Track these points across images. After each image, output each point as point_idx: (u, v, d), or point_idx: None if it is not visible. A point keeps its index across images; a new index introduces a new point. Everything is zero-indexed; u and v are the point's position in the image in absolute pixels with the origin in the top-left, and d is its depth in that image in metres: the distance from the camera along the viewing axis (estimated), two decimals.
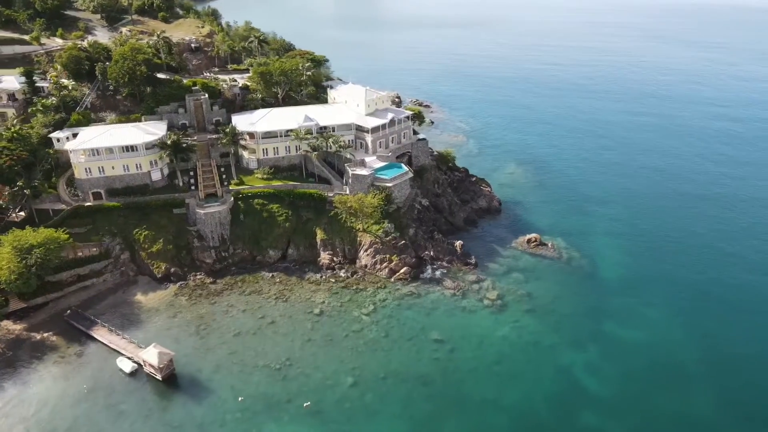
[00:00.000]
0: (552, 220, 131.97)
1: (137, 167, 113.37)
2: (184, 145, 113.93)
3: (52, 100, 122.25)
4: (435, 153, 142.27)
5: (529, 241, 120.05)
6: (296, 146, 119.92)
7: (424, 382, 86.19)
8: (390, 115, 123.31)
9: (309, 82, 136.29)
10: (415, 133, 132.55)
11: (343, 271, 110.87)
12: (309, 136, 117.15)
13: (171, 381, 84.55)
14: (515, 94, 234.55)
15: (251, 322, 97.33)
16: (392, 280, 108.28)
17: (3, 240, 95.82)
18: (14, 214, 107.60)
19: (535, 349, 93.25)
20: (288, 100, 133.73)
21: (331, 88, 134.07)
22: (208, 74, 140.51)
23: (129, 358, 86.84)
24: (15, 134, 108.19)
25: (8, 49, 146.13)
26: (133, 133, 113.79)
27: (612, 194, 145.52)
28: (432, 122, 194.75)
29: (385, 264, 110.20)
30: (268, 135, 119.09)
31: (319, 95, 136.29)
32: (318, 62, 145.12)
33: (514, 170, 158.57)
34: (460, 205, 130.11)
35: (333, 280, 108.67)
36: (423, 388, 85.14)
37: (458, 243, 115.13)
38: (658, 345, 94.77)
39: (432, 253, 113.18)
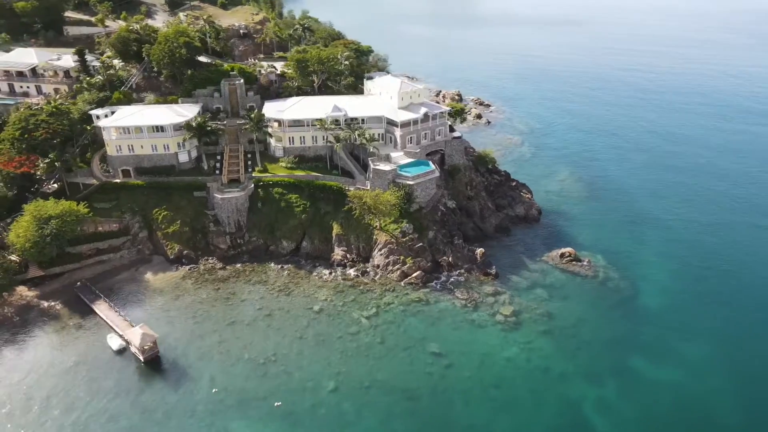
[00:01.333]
0: (596, 235, 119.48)
1: (165, 148, 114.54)
2: (209, 128, 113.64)
3: (98, 78, 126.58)
4: (475, 153, 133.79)
5: (562, 255, 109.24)
6: (323, 136, 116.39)
7: (409, 397, 79.61)
8: (423, 110, 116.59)
9: (348, 72, 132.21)
10: (452, 130, 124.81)
11: (354, 269, 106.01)
12: (333, 126, 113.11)
13: (153, 363, 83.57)
14: (588, 99, 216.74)
15: (248, 313, 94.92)
16: (402, 283, 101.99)
17: (26, 209, 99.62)
18: (48, 186, 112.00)
19: (542, 376, 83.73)
20: (325, 90, 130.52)
21: (369, 79, 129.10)
22: (250, 61, 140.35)
23: (120, 336, 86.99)
24: (55, 109, 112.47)
25: (75, 30, 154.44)
26: (164, 114, 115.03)
27: (675, 218, 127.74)
28: (489, 122, 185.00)
29: (398, 266, 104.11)
30: (295, 123, 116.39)
31: (357, 86, 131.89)
32: (362, 53, 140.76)
33: (565, 178, 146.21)
34: (493, 211, 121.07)
35: (341, 278, 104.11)
36: (407, 403, 78.62)
37: (479, 250, 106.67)
38: (690, 388, 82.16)
39: (450, 259, 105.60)
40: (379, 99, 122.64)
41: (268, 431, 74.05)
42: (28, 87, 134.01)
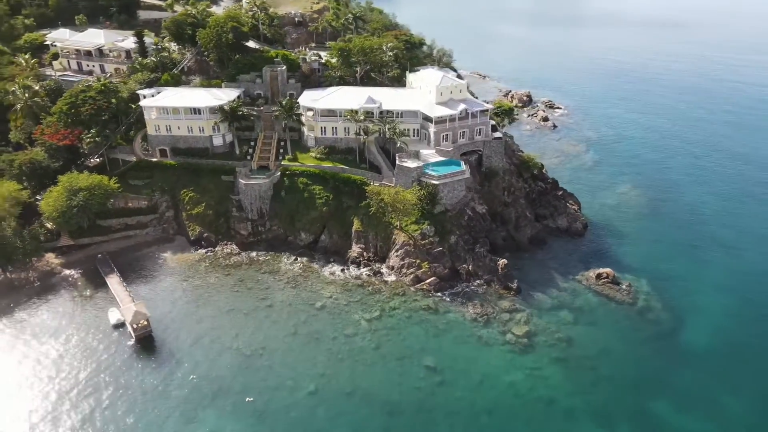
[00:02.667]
0: (646, 258, 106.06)
1: (200, 130, 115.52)
2: (240, 112, 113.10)
3: (151, 59, 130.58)
4: (522, 156, 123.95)
5: (598, 276, 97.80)
6: (355, 128, 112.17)
7: (390, 411, 73.86)
8: (461, 107, 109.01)
9: (395, 64, 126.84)
10: (494, 130, 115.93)
11: (368, 268, 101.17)
12: (363, 118, 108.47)
13: (144, 341, 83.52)
14: (677, 113, 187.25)
15: (250, 302, 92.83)
16: (414, 288, 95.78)
17: (60, 179, 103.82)
18: (91, 160, 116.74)
19: (545, 409, 74.71)
20: (367, 81, 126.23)
21: (415, 71, 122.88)
22: (297, 49, 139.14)
23: (119, 311, 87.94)
24: (103, 87, 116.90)
25: (145, 14, 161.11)
26: (201, 97, 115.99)
27: (746, 252, 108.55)
28: (554, 125, 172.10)
29: (412, 269, 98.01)
30: (328, 113, 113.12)
31: (402, 78, 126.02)
32: (412, 44, 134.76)
33: (626, 192, 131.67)
34: (530, 220, 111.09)
35: (352, 276, 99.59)
36: (385, 418, 72.97)
37: (501, 261, 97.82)
38: None
39: (470, 268, 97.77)
40: (418, 93, 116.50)
41: (234, 425, 71.27)
42: (93, 66, 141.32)
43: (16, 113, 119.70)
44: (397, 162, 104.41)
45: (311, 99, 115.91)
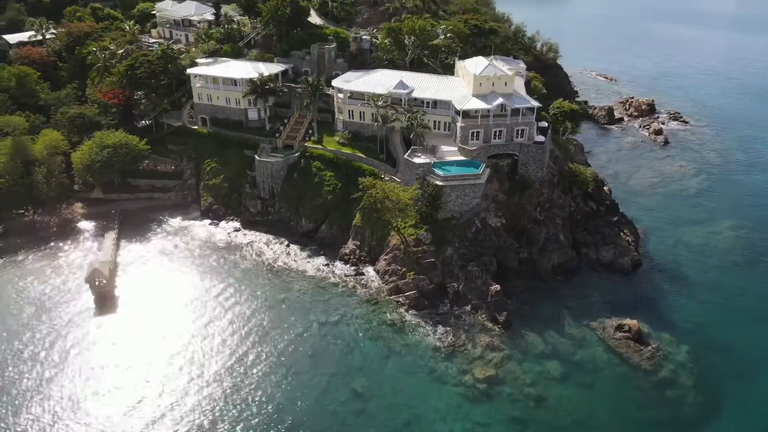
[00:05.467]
0: (703, 318, 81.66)
1: (236, 102, 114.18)
2: (268, 87, 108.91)
3: (218, 30, 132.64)
4: (572, 167, 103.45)
5: (619, 327, 76.92)
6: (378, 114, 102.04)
7: (288, 429, 64.41)
8: (498, 101, 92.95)
9: (458, 50, 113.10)
10: (544, 133, 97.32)
11: (354, 268, 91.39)
12: (383, 105, 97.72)
13: (102, 299, 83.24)
14: None
15: (218, 283, 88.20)
16: (389, 298, 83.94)
17: (95, 135, 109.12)
18: (140, 122, 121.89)
19: None
20: (418, 66, 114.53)
21: (463, 59, 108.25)
22: (354, 28, 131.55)
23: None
24: (162, 52, 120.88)
25: None
26: (242, 69, 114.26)
27: None
28: (667, 141, 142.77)
29: (395, 277, 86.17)
30: (355, 96, 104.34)
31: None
32: (482, 31, 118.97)
33: (722, 232, 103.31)
34: (561, 245, 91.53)
35: (333, 274, 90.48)
36: None
37: (494, 287, 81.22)
38: None
39: (459, 288, 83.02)
40: (460, 82, 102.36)
41: (118, 406, 67.11)
42: (180, 35, 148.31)
43: (94, 72, 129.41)
44: (405, 155, 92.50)
45: (344, 80, 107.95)
